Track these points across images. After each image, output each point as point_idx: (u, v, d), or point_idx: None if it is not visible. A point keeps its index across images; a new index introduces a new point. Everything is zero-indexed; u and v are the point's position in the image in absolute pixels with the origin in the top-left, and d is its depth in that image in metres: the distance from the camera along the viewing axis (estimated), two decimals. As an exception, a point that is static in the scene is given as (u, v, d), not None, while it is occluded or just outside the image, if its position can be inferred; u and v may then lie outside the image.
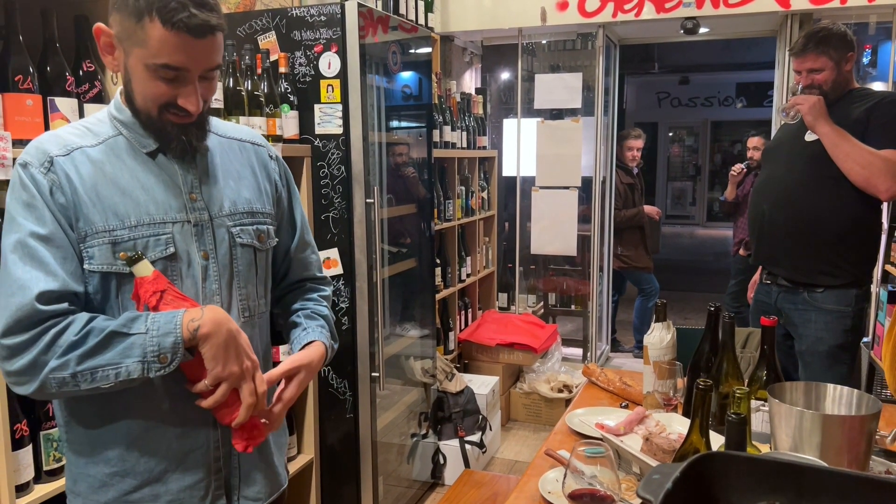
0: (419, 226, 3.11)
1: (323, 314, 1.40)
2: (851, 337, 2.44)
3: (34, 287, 1.04)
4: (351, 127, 2.41)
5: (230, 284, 1.23)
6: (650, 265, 5.10)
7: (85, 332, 1.05)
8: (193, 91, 1.12)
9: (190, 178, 1.19)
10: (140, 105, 1.14)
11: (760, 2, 3.77)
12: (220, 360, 1.08)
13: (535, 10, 4.22)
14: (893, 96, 2.46)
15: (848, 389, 1.40)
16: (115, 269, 1.11)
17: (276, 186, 1.35)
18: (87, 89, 1.62)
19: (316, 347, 1.30)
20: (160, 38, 1.06)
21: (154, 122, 1.14)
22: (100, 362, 1.04)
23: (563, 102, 4.39)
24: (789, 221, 2.46)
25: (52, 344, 1.03)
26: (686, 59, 11.02)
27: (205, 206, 1.20)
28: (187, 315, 1.07)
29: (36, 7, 1.56)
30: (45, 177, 1.09)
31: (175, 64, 1.08)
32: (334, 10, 2.37)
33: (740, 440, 1.00)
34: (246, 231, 1.25)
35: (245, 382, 1.11)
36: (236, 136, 1.33)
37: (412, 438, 3.05)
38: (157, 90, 1.11)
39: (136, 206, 1.13)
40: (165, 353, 1.05)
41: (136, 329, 1.05)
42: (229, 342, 1.09)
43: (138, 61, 1.09)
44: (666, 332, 1.75)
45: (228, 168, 1.27)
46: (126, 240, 1.11)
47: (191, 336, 1.06)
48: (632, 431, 1.50)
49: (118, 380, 1.05)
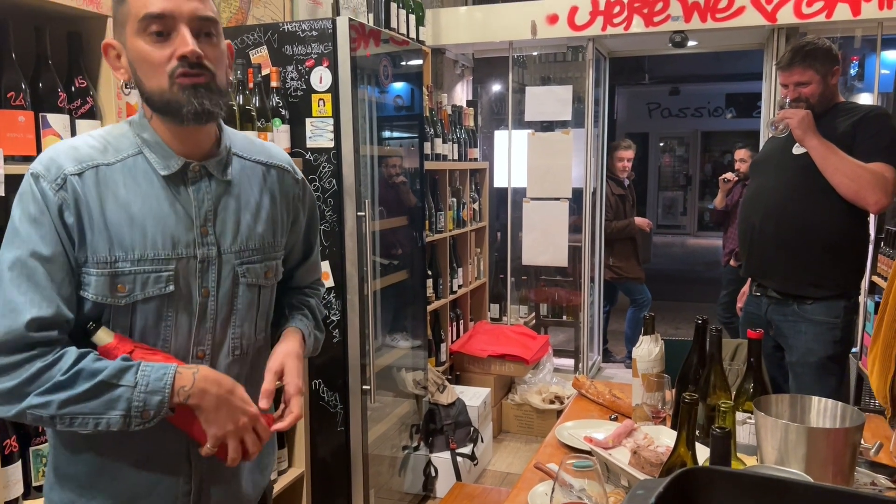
0: (411, 238, 3.12)
1: (308, 304, 1.41)
2: (841, 348, 2.46)
3: (26, 312, 1.02)
4: (342, 141, 2.43)
5: (226, 324, 1.20)
6: (642, 276, 5.13)
7: (73, 374, 1.02)
8: (185, 36, 1.07)
9: (204, 210, 1.15)
10: (151, 87, 1.10)
11: (747, 16, 3.82)
12: (213, 424, 1.09)
13: (525, 23, 4.26)
14: (879, 110, 2.50)
15: (833, 402, 1.42)
16: (109, 301, 1.09)
17: (296, 213, 1.33)
18: (80, 105, 1.63)
19: (290, 335, 1.30)
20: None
21: (167, 97, 1.09)
22: (82, 410, 1.02)
23: (553, 114, 4.42)
24: (779, 233, 2.48)
25: (36, 377, 1.01)
26: (676, 70, 11.12)
27: (215, 241, 1.16)
28: (179, 380, 1.06)
29: (29, 24, 1.57)
30: (56, 194, 1.06)
31: (155, 11, 1.05)
32: (325, 25, 2.39)
33: (725, 454, 1.01)
34: (253, 270, 1.22)
35: (246, 435, 1.12)
36: (262, 158, 1.27)
37: (404, 451, 3.05)
38: (152, 54, 1.07)
39: (143, 238, 1.10)
40: (150, 410, 1.04)
41: (126, 382, 1.03)
42: (221, 405, 1.09)
43: (132, 37, 1.08)
44: (654, 344, 1.76)
45: (248, 199, 1.22)
46: (127, 273, 1.09)
47: (180, 402, 1.06)
48: (620, 444, 1.51)
49: (97, 429, 1.04)
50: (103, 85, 1.68)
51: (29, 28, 1.57)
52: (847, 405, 1.40)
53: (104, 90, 1.68)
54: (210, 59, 1.10)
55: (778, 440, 1.32)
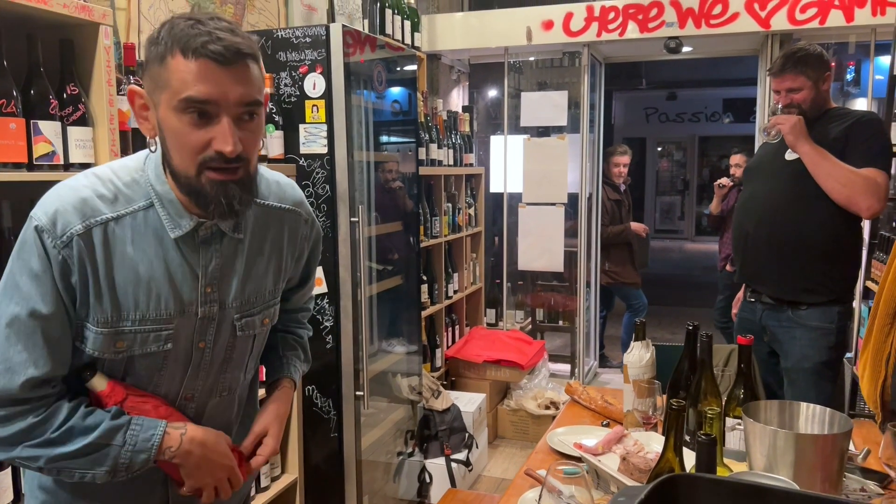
0: (405, 243, 3.12)
1: (302, 344, 1.45)
2: (835, 353, 2.46)
3: (21, 373, 1.01)
4: (336, 146, 2.44)
5: (219, 371, 1.20)
6: (638, 281, 5.13)
7: (65, 431, 1.04)
8: (226, 129, 1.00)
9: (211, 270, 1.12)
10: (177, 165, 1.03)
11: (741, 22, 3.84)
12: (193, 478, 1.13)
13: (520, 29, 4.27)
14: (871, 115, 2.51)
15: (821, 408, 1.42)
16: (106, 356, 1.08)
17: (301, 250, 1.30)
18: (71, 112, 1.63)
19: (283, 392, 1.33)
20: (182, 69, 0.97)
21: (193, 184, 1.03)
22: (70, 465, 1.05)
23: (549, 120, 4.44)
24: (772, 239, 2.48)
25: (29, 431, 1.03)
26: (673, 75, 11.14)
27: (217, 299, 1.14)
28: (166, 440, 1.08)
29: (21, 31, 1.58)
30: (61, 252, 1.02)
31: (199, 96, 0.98)
32: (319, 31, 2.40)
33: (710, 461, 1.02)
34: (251, 322, 1.21)
35: (221, 486, 1.16)
36: (276, 201, 1.22)
37: (398, 457, 3.05)
38: (188, 136, 1.00)
39: (147, 299, 1.07)
40: (135, 466, 1.07)
41: (115, 441, 1.06)
42: (202, 464, 1.12)
43: (167, 108, 1.00)
44: (645, 350, 1.76)
45: (255, 254, 1.19)
46: (127, 332, 1.08)
47: (165, 460, 1.10)
48: (610, 451, 1.52)
49: (82, 479, 1.06)
50: (95, 92, 1.68)
51: (21, 36, 1.57)
52: (835, 411, 1.40)
53: (96, 97, 1.68)
54: (247, 147, 1.04)
55: (766, 446, 1.32)
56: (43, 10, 1.52)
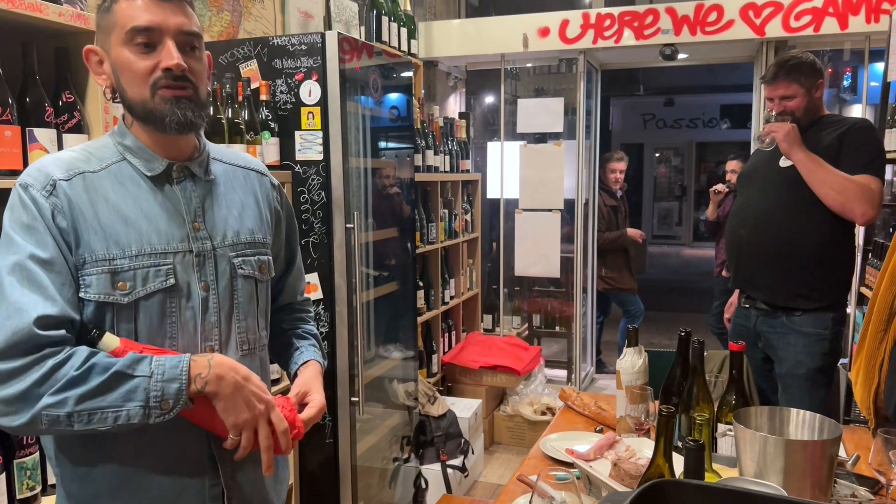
0: (401, 249, 3.13)
1: (313, 333, 1.45)
2: (829, 359, 2.47)
3: (32, 311, 1.00)
4: (331, 153, 2.45)
5: (230, 317, 1.21)
6: (634, 287, 5.14)
7: (87, 368, 1.00)
8: (170, 48, 1.10)
9: (193, 207, 1.19)
10: (132, 95, 1.13)
11: (736, 29, 3.86)
12: (231, 412, 1.08)
13: (517, 36, 4.29)
14: (864, 122, 2.52)
15: (811, 414, 1.43)
16: (112, 299, 1.09)
17: (276, 215, 1.37)
18: (66, 119, 1.64)
19: (313, 366, 1.35)
20: (125, 7, 1.10)
21: (149, 106, 1.12)
22: (100, 404, 1.00)
23: (545, 126, 4.45)
24: (766, 246, 2.49)
25: (49, 375, 0.99)
26: (671, 81, 11.17)
27: (207, 236, 1.19)
28: (194, 367, 1.05)
29: (17, 39, 1.58)
30: (48, 200, 1.07)
31: (143, 24, 1.09)
32: (315, 39, 2.41)
33: (698, 466, 1.02)
34: (248, 262, 1.24)
35: (260, 426, 1.10)
36: (240, 163, 1.33)
37: (394, 463, 3.05)
38: (137, 63, 1.10)
39: (139, 236, 1.12)
40: (168, 400, 1.02)
41: (141, 372, 1.02)
42: (237, 393, 1.07)
43: (117, 46, 1.11)
44: (637, 356, 1.77)
45: (232, 197, 1.26)
46: (126, 269, 1.10)
47: (198, 390, 1.05)
48: (602, 456, 1.52)
49: (116, 423, 1.01)
50: (90, 99, 1.69)
51: (16, 44, 1.58)
52: (826, 417, 1.41)
53: (91, 104, 1.69)
54: (194, 72, 1.14)
55: (756, 452, 1.33)
56: (39, 18, 1.53)
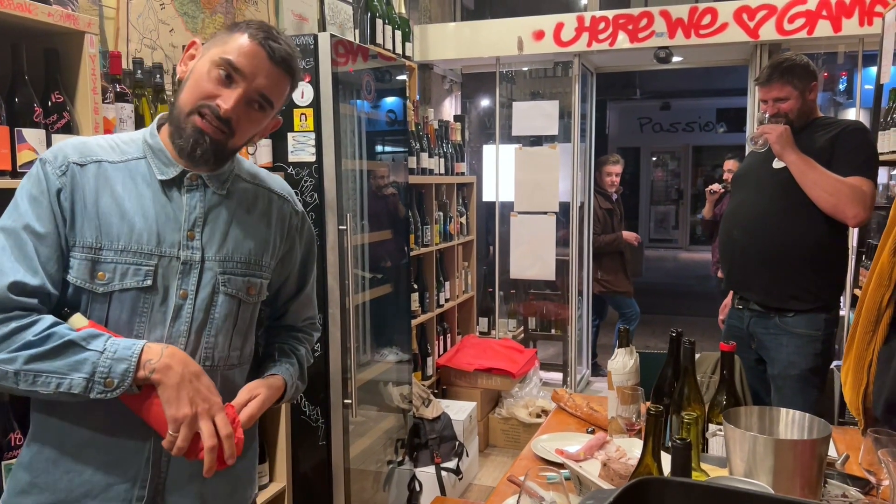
0: (395, 251, 3.13)
1: (298, 352, 1.41)
2: (822, 361, 2.47)
3: (11, 275, 1.07)
4: (324, 155, 2.45)
5: (200, 330, 1.21)
6: (630, 289, 5.14)
7: (44, 336, 1.06)
8: (235, 94, 1.16)
9: (194, 217, 1.20)
10: (181, 101, 1.18)
11: (730, 32, 3.87)
12: (172, 404, 1.08)
13: (512, 39, 4.30)
14: (857, 125, 2.53)
15: (801, 414, 1.43)
16: (88, 286, 1.14)
17: (292, 242, 1.36)
18: (56, 120, 1.64)
19: (275, 379, 1.31)
20: (240, 41, 1.16)
21: (181, 120, 1.17)
22: (46, 368, 1.05)
23: (540, 129, 4.45)
24: (759, 247, 2.50)
25: (9, 336, 1.05)
26: (667, 85, 11.20)
27: (200, 247, 1.20)
28: (146, 353, 1.09)
29: (6, 40, 1.58)
30: (59, 179, 1.14)
31: (237, 63, 1.15)
32: (308, 41, 2.42)
33: (685, 465, 1.02)
34: (234, 281, 1.24)
35: (203, 424, 1.10)
36: (265, 184, 1.34)
37: (388, 465, 3.04)
38: (206, 83, 1.16)
39: (130, 232, 1.15)
40: (114, 379, 1.06)
41: (94, 346, 1.07)
42: (182, 386, 1.09)
43: (208, 59, 1.17)
44: (629, 357, 1.77)
45: (242, 215, 1.27)
46: (108, 262, 1.14)
47: (145, 376, 1.08)
48: (592, 457, 1.52)
49: (58, 390, 1.05)
50: (80, 100, 1.69)
51: (5, 45, 1.58)
52: (815, 417, 1.41)
53: (81, 105, 1.69)
54: (241, 123, 1.19)
55: (746, 452, 1.32)
56: (28, 18, 1.53)
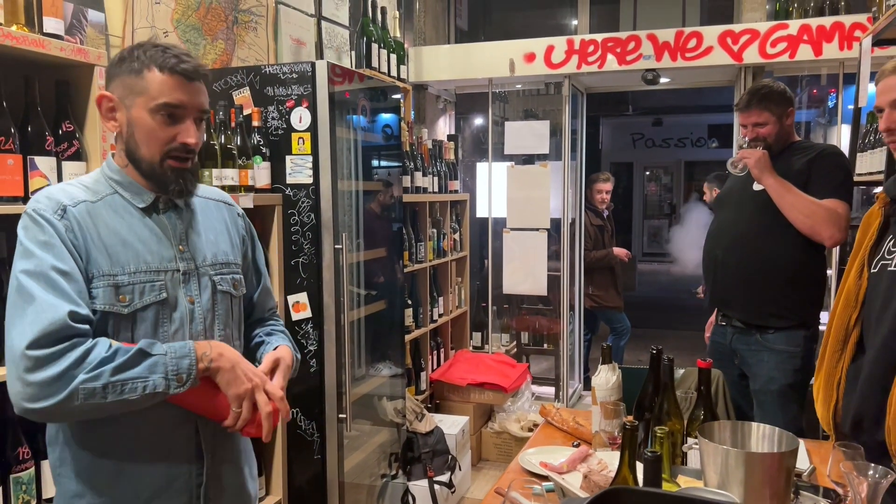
0: (389, 268, 3.21)
1: (282, 330, 1.60)
2: (801, 376, 2.55)
3: (65, 307, 1.16)
4: (321, 177, 2.53)
5: (212, 327, 1.39)
6: (621, 304, 5.22)
7: (113, 351, 1.18)
8: (191, 127, 1.30)
9: (178, 232, 1.36)
10: (144, 154, 1.30)
11: (715, 55, 3.99)
12: (233, 384, 1.27)
13: (504, 61, 4.41)
14: (832, 149, 2.63)
15: (770, 428, 1.51)
16: (115, 309, 1.25)
17: (243, 241, 1.55)
18: (66, 148, 1.72)
19: (285, 349, 1.49)
20: (160, 81, 1.27)
21: (156, 170, 1.30)
22: (130, 375, 1.17)
23: (532, 148, 4.55)
24: (740, 266, 2.59)
25: (82, 359, 1.14)
26: (659, 101, 11.32)
27: (191, 257, 1.37)
28: (198, 348, 1.24)
29: (20, 72, 1.67)
30: (60, 221, 1.23)
31: (174, 101, 1.27)
32: (305, 68, 2.51)
33: (655, 476, 1.10)
34: (225, 280, 1.42)
35: (259, 395, 1.29)
36: (211, 196, 1.52)
37: (382, 479, 3.10)
38: (159, 132, 1.28)
39: (136, 256, 1.29)
40: (182, 374, 1.21)
41: (157, 351, 1.21)
42: (236, 367, 1.27)
43: (141, 109, 1.27)
44: (611, 373, 1.85)
45: (207, 224, 1.44)
46: (126, 284, 1.27)
47: (205, 367, 1.24)
48: (574, 469, 1.59)
49: (145, 392, 1.18)
50: (89, 128, 1.77)
51: (19, 77, 1.66)
52: (784, 431, 1.49)
53: (90, 133, 1.77)
54: (199, 143, 1.34)
55: (719, 465, 1.40)
56: (41, 53, 1.62)
